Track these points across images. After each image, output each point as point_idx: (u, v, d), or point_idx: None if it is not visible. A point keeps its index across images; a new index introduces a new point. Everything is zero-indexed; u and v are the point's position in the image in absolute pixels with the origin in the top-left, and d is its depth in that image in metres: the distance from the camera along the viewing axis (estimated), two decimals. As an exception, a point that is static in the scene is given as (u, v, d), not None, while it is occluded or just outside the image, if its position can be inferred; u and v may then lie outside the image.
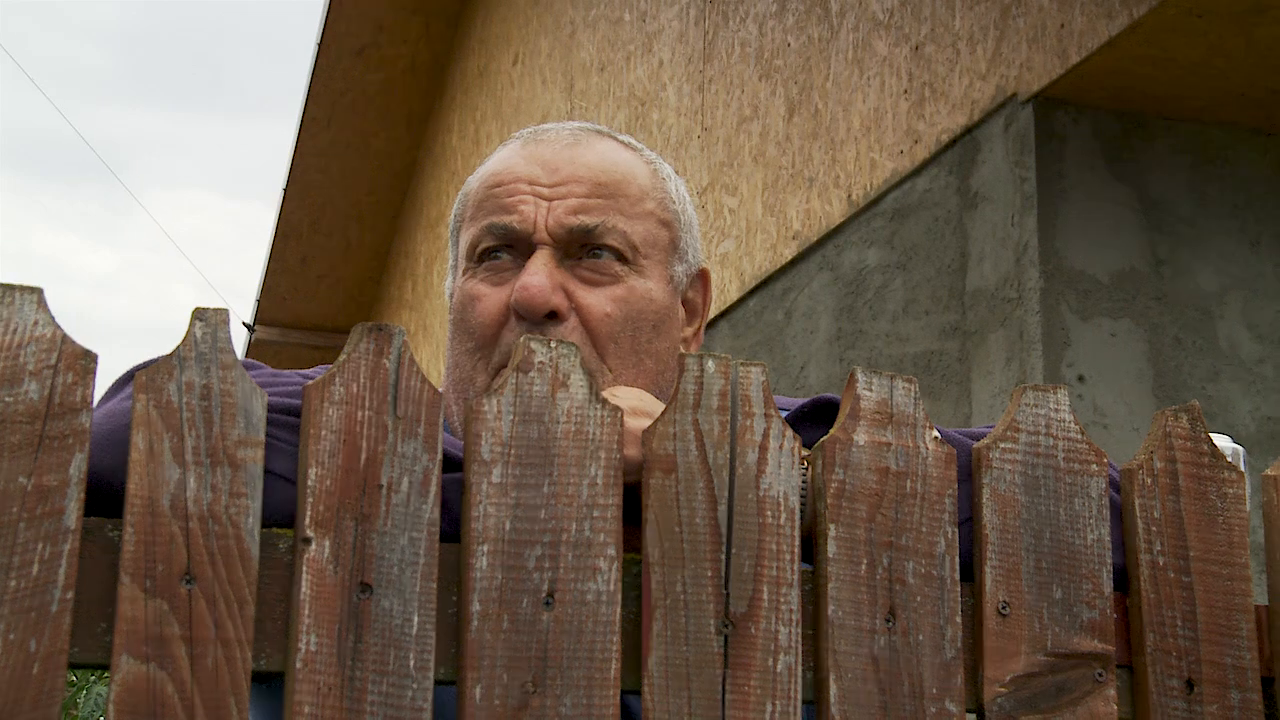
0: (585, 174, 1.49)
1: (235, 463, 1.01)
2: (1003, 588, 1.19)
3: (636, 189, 1.51)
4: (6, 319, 0.96)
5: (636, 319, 1.46)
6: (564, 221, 1.46)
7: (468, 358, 1.46)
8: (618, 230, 1.47)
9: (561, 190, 1.47)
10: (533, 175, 1.49)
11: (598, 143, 1.53)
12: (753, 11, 5.33)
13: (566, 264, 1.45)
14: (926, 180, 4.22)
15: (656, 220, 1.51)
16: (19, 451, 0.95)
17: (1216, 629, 1.25)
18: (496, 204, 1.49)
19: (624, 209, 1.48)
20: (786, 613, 1.12)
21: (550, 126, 1.56)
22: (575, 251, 1.46)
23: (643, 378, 1.45)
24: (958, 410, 3.93)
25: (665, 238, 1.51)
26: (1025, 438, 1.23)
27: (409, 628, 1.03)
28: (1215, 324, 3.78)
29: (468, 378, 1.46)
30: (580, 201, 1.46)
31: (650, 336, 1.47)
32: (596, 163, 1.50)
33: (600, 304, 1.44)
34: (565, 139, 1.52)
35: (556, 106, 7.14)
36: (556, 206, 1.46)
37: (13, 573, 0.93)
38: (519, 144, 1.54)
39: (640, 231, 1.48)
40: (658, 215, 1.51)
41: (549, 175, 1.48)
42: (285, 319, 10.18)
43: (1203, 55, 3.58)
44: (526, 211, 1.46)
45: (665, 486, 1.11)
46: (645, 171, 1.53)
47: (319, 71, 8.78)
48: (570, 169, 1.49)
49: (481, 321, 1.45)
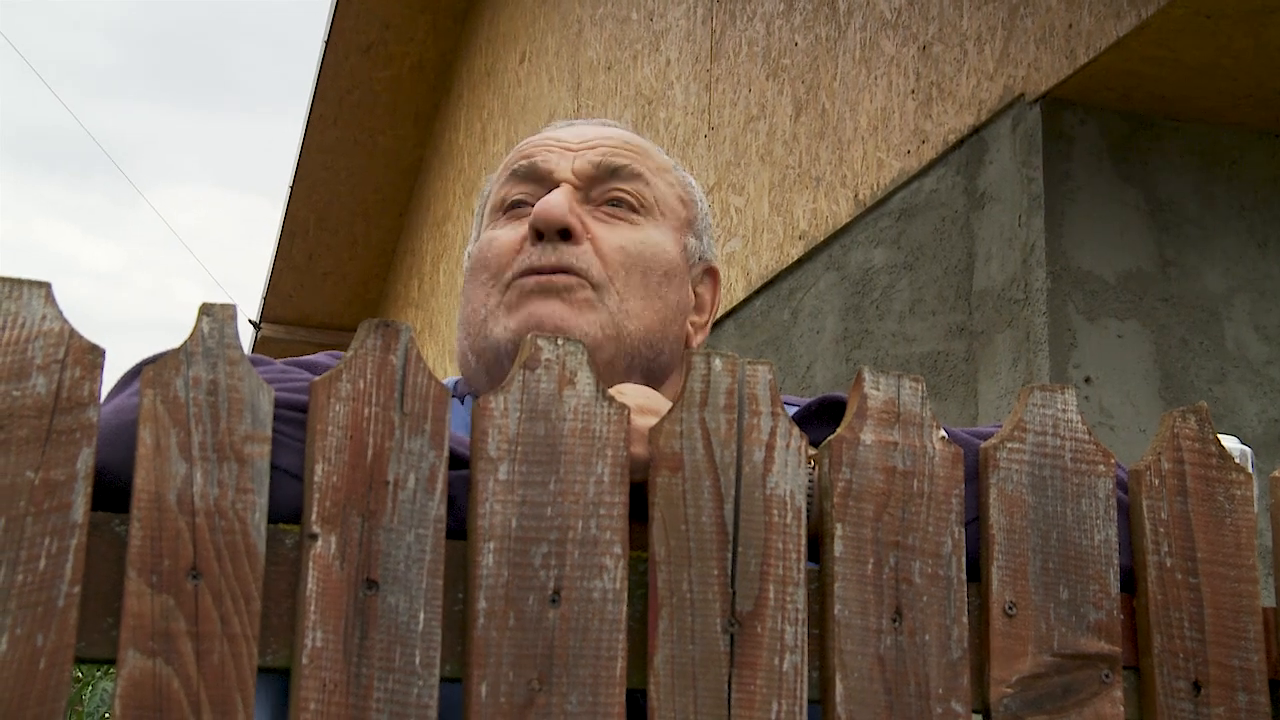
0: (615, 135, 1.55)
1: (242, 458, 1.01)
2: (1009, 588, 1.19)
3: (661, 160, 1.57)
4: (14, 313, 0.96)
5: (649, 260, 1.48)
6: (590, 160, 1.50)
7: (481, 290, 1.48)
8: (642, 178, 1.51)
9: (588, 144, 1.52)
10: (560, 138, 1.54)
11: (625, 129, 1.59)
12: (760, 11, 5.32)
13: (586, 207, 1.49)
14: (933, 180, 4.21)
15: (676, 195, 1.55)
16: (26, 446, 0.95)
17: (1224, 631, 1.24)
18: (522, 155, 1.53)
19: (648, 166, 1.53)
20: (793, 612, 1.12)
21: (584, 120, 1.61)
22: (596, 196, 1.49)
23: (649, 314, 1.46)
24: (964, 411, 3.92)
25: (682, 211, 1.55)
26: (1033, 438, 1.23)
27: (415, 624, 1.03)
28: (1223, 325, 3.78)
29: (480, 303, 1.47)
30: (609, 149, 1.51)
31: (661, 280, 1.49)
32: (624, 134, 1.56)
33: (614, 238, 1.47)
34: (595, 122, 1.59)
35: (563, 105, 7.14)
36: (584, 153, 1.51)
37: (19, 567, 0.93)
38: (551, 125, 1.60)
39: (660, 190, 1.53)
40: (678, 191, 1.56)
41: (577, 138, 1.53)
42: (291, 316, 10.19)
43: (1211, 56, 3.57)
44: (551, 157, 1.51)
45: (672, 485, 1.11)
46: (665, 156, 1.59)
47: (326, 69, 8.79)
48: (598, 134, 1.54)
49: (498, 253, 1.48)
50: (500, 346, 1.43)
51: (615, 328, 1.43)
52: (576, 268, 1.44)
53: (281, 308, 10.16)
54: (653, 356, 1.46)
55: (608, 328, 1.42)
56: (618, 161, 1.50)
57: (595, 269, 1.44)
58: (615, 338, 1.42)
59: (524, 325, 1.41)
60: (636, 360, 1.44)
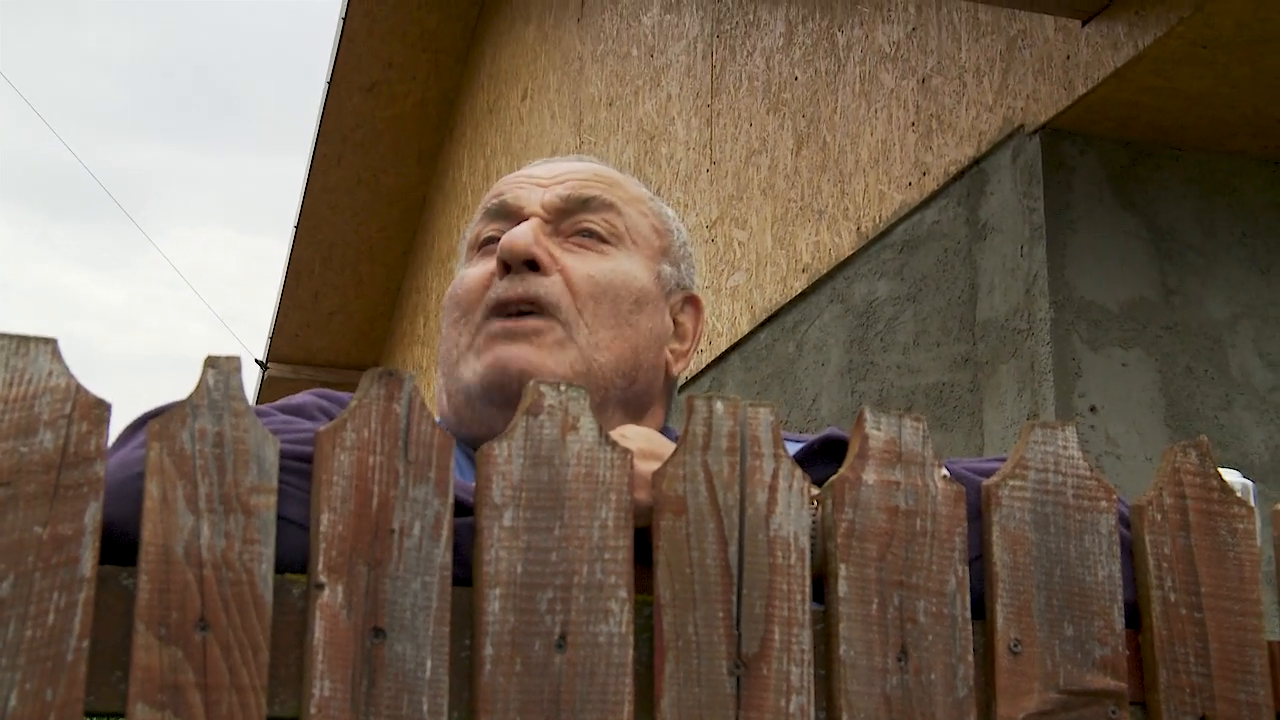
0: (586, 169, 1.56)
1: (248, 509, 1.02)
2: (1014, 625, 1.19)
3: (634, 191, 1.57)
4: (21, 369, 0.97)
5: (619, 289, 1.48)
6: (559, 193, 1.51)
7: (454, 329, 1.49)
8: (611, 208, 1.52)
9: (559, 179, 1.54)
10: (534, 175, 1.56)
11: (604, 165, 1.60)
12: (760, 45, 5.35)
13: (555, 239, 1.49)
14: (935, 212, 4.23)
15: (649, 224, 1.56)
16: (34, 501, 0.96)
17: (1229, 665, 1.25)
18: (493, 195, 1.55)
19: (619, 196, 1.54)
20: (798, 653, 1.12)
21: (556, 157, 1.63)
22: (566, 228, 1.50)
23: (620, 344, 1.46)
24: (970, 441, 3.93)
25: (655, 239, 1.55)
26: (1034, 475, 1.23)
27: (422, 672, 1.04)
28: (1227, 353, 3.78)
29: (453, 343, 1.48)
30: (578, 182, 1.52)
31: (631, 309, 1.48)
32: (598, 166, 1.57)
33: (583, 267, 1.47)
34: (570, 159, 1.60)
35: (566, 141, 7.17)
36: (554, 188, 1.52)
37: (29, 622, 0.94)
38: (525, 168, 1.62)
39: (632, 219, 1.53)
40: (651, 221, 1.56)
41: (550, 174, 1.55)
42: (297, 355, 10.21)
43: (1209, 85, 3.59)
44: (521, 193, 1.52)
45: (676, 528, 1.12)
46: (644, 193, 1.59)
47: (329, 108, 8.84)
48: (570, 168, 1.56)
49: (468, 288, 1.49)
50: (469, 389, 1.44)
51: (585, 363, 1.43)
52: (544, 300, 1.44)
53: (288, 347, 10.18)
54: (626, 386, 1.46)
55: (577, 364, 1.43)
56: (587, 193, 1.51)
57: (564, 301, 1.45)
58: (585, 373, 1.43)
59: (491, 369, 1.42)
60: (611, 392, 1.44)
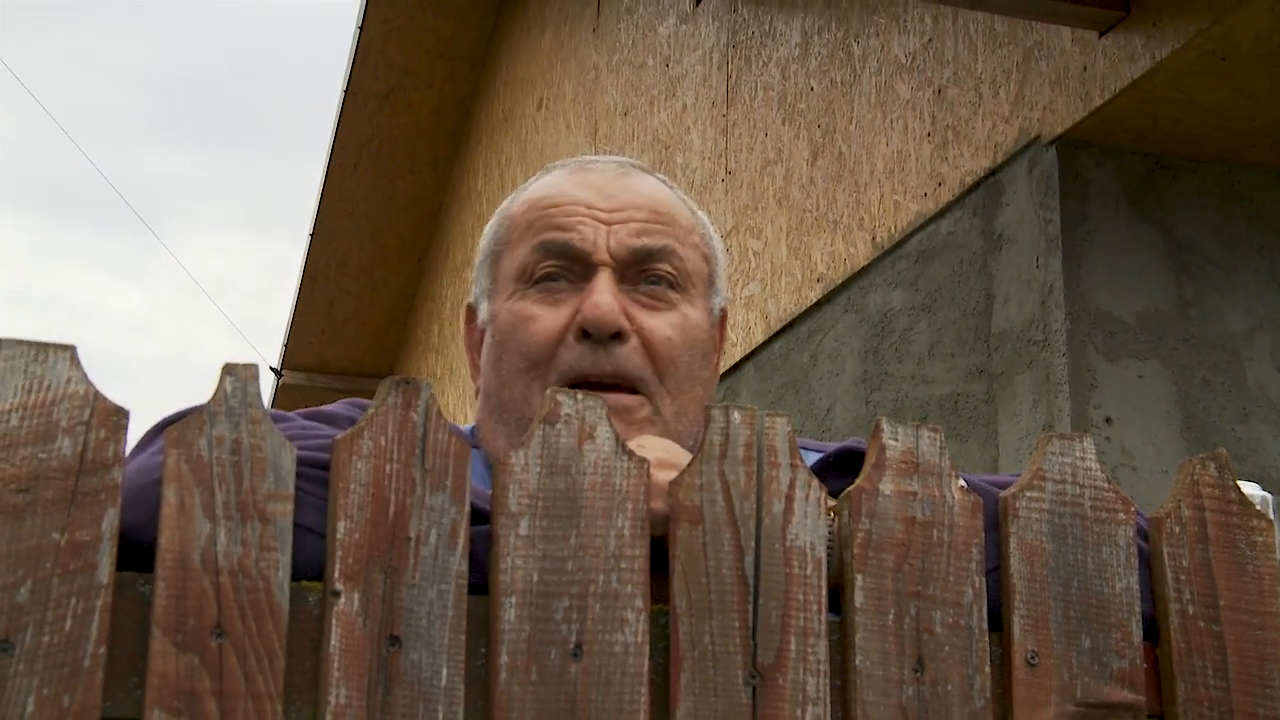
0: (643, 201, 1.50)
1: (265, 517, 1.02)
2: (1031, 637, 1.19)
3: (686, 221, 1.53)
4: (40, 376, 0.98)
5: (691, 345, 1.47)
6: (627, 243, 1.46)
7: (519, 378, 1.45)
8: (676, 255, 1.49)
9: (620, 215, 1.48)
10: (588, 199, 1.49)
11: (645, 176, 1.55)
12: (775, 56, 5.36)
13: (624, 288, 1.46)
14: (951, 222, 4.22)
15: (700, 254, 1.54)
16: (52, 507, 0.96)
17: (1248, 679, 1.24)
18: (551, 224, 1.48)
19: (679, 236, 1.50)
20: (814, 663, 1.12)
21: (593, 158, 1.57)
22: (633, 276, 1.47)
23: (694, 405, 1.46)
24: (985, 452, 3.92)
25: (706, 271, 1.54)
26: (1051, 486, 1.23)
27: (438, 680, 1.03)
28: (1244, 365, 3.77)
29: (521, 398, 1.44)
30: (641, 225, 1.48)
31: (701, 364, 1.49)
32: (650, 192, 1.52)
33: (661, 328, 1.45)
34: (613, 169, 1.53)
35: (581, 150, 7.18)
36: (618, 230, 1.47)
37: (46, 628, 0.94)
38: (565, 171, 1.54)
39: (691, 261, 1.51)
40: (701, 249, 1.54)
41: (605, 200, 1.49)
42: (312, 363, 10.23)
43: (1227, 97, 3.58)
44: (586, 232, 1.46)
45: (692, 538, 1.12)
46: (685, 208, 1.56)
47: (345, 116, 8.86)
48: (627, 195, 1.50)
49: (538, 341, 1.44)
50: None
51: (670, 435, 1.42)
52: (631, 376, 1.43)
53: (303, 354, 10.21)
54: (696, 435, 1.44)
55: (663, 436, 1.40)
56: (654, 245, 1.47)
57: (647, 373, 1.43)
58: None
59: None
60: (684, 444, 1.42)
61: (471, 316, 1.58)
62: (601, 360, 1.42)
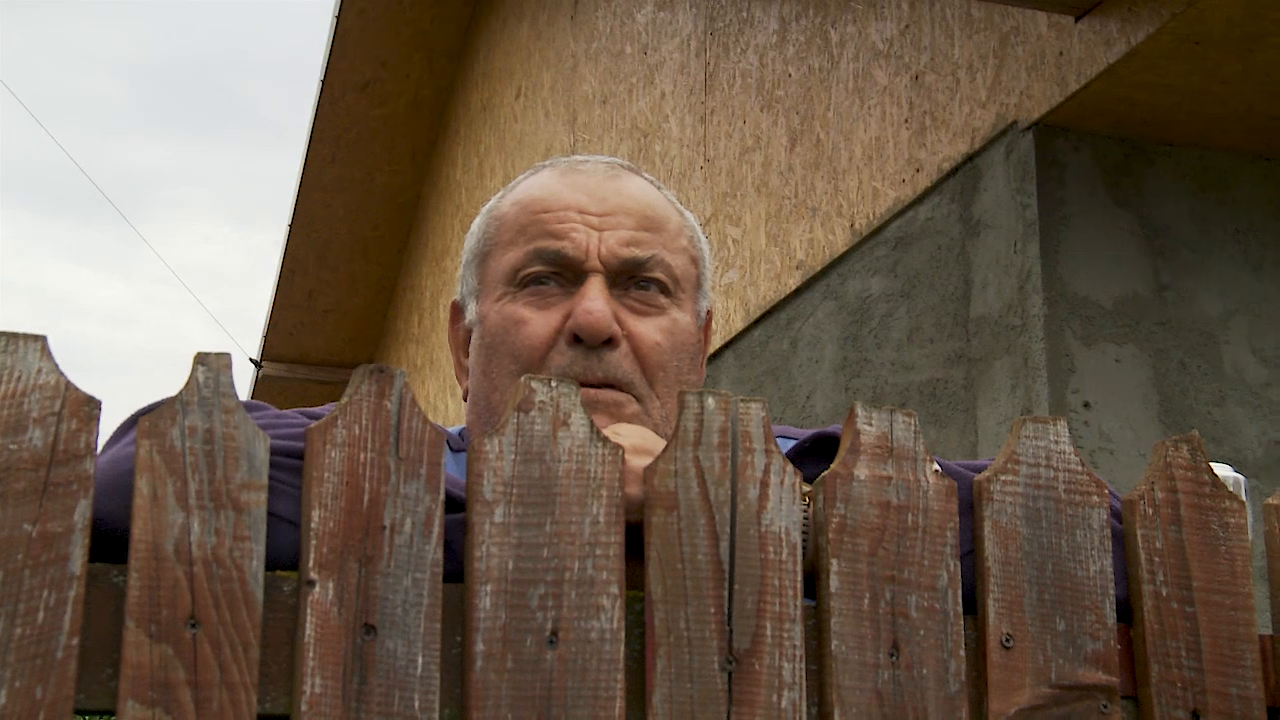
0: (633, 206, 1.51)
1: (239, 506, 1.02)
2: (1006, 620, 1.19)
3: (675, 225, 1.54)
4: (10, 367, 0.97)
5: (679, 349, 1.49)
6: (617, 252, 1.48)
7: (509, 380, 1.46)
8: (665, 263, 1.50)
9: (611, 220, 1.49)
10: (580, 203, 1.50)
11: (633, 177, 1.56)
12: (753, 43, 5.35)
13: (615, 293, 1.47)
14: (929, 209, 4.23)
15: (688, 257, 1.55)
16: (24, 498, 0.95)
17: (1221, 659, 1.25)
18: (544, 229, 1.49)
19: (667, 243, 1.51)
20: (790, 648, 1.12)
21: (582, 158, 1.58)
22: (623, 281, 1.48)
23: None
24: (964, 438, 3.93)
25: (694, 274, 1.55)
26: (1026, 470, 1.23)
27: (413, 669, 1.03)
28: (1220, 348, 3.78)
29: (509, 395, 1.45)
30: (631, 234, 1.49)
31: (689, 367, 1.51)
32: (640, 196, 1.53)
33: (650, 333, 1.47)
34: (603, 171, 1.54)
35: (559, 139, 7.17)
36: (608, 236, 1.48)
37: (18, 620, 0.94)
38: (555, 172, 1.55)
39: (679, 266, 1.52)
40: (689, 252, 1.55)
41: (597, 204, 1.50)
42: (291, 354, 10.20)
43: (1201, 82, 3.59)
44: (579, 239, 1.47)
45: (667, 524, 1.12)
46: (674, 210, 1.57)
47: (323, 107, 8.83)
48: (617, 199, 1.51)
49: (529, 344, 1.46)
50: None
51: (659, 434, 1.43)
52: (622, 382, 1.44)
53: (282, 346, 10.18)
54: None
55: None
56: (643, 255, 1.48)
57: (637, 378, 1.45)
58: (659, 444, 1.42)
59: None
60: None
61: (457, 314, 1.58)
62: (593, 366, 1.44)
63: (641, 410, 1.45)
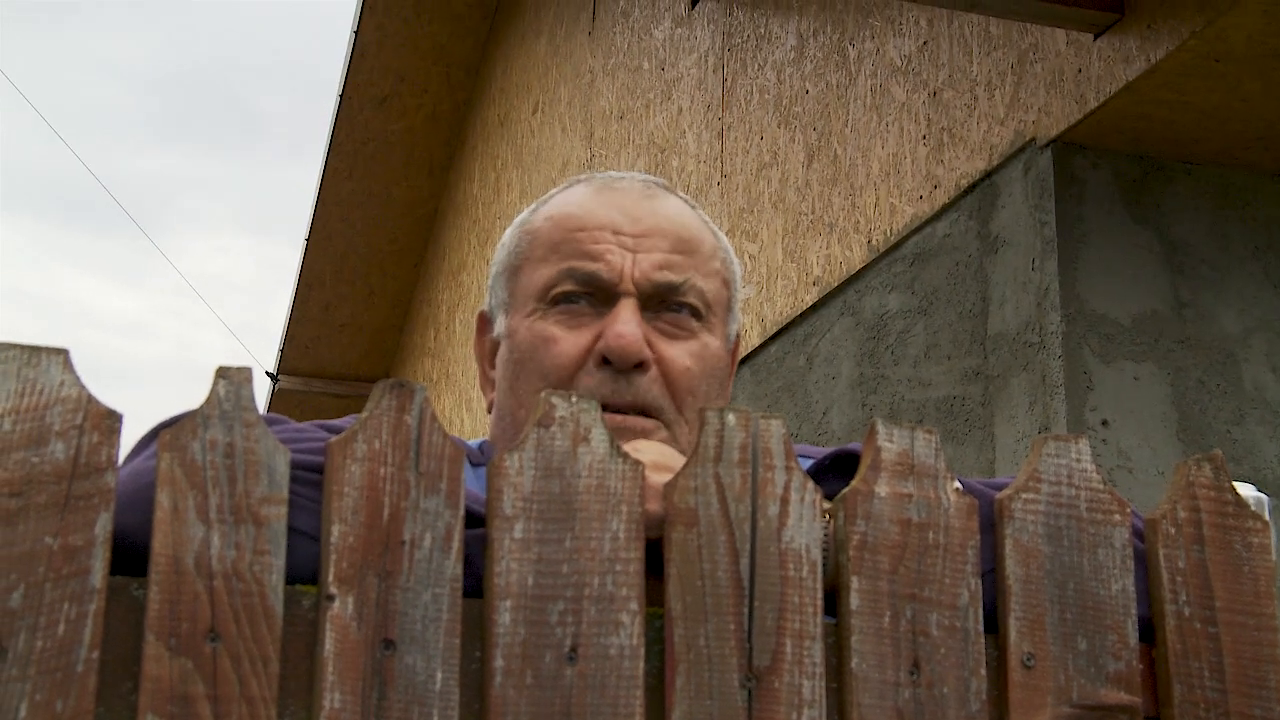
0: (668, 227, 1.50)
1: (259, 520, 1.02)
2: (1027, 639, 1.19)
3: (709, 247, 1.53)
4: (33, 380, 0.97)
5: (709, 374, 1.48)
6: (651, 275, 1.46)
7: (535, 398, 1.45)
8: (697, 288, 1.49)
9: (646, 243, 1.48)
10: (615, 223, 1.48)
11: (669, 197, 1.54)
12: (771, 59, 5.36)
13: (646, 315, 1.46)
14: (946, 225, 4.22)
15: (720, 280, 1.53)
16: (45, 512, 0.96)
17: (1245, 680, 1.24)
18: (578, 248, 1.47)
19: (700, 266, 1.50)
20: (810, 666, 1.12)
21: (617, 174, 1.56)
22: (655, 305, 1.47)
23: None
24: (981, 455, 3.92)
25: (725, 297, 1.54)
26: (1047, 488, 1.23)
27: (432, 684, 1.03)
28: (1239, 366, 3.77)
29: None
30: (665, 257, 1.47)
31: (718, 393, 1.50)
32: (675, 217, 1.51)
33: (681, 357, 1.46)
34: (639, 189, 1.53)
35: (577, 154, 7.18)
36: (642, 259, 1.47)
37: (39, 633, 0.94)
38: (590, 189, 1.53)
39: (712, 290, 1.51)
40: (722, 275, 1.54)
41: (632, 225, 1.48)
42: (308, 367, 10.23)
43: (1221, 99, 3.59)
44: (613, 261, 1.46)
45: (687, 540, 1.11)
46: (708, 231, 1.55)
47: (341, 121, 8.86)
48: (652, 220, 1.49)
49: (558, 364, 1.45)
50: None
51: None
52: (651, 407, 1.43)
53: (299, 359, 10.20)
54: None
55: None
56: (676, 280, 1.47)
57: (666, 403, 1.44)
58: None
59: None
60: None
61: (484, 325, 1.57)
62: (622, 389, 1.43)
63: (669, 437, 1.44)
